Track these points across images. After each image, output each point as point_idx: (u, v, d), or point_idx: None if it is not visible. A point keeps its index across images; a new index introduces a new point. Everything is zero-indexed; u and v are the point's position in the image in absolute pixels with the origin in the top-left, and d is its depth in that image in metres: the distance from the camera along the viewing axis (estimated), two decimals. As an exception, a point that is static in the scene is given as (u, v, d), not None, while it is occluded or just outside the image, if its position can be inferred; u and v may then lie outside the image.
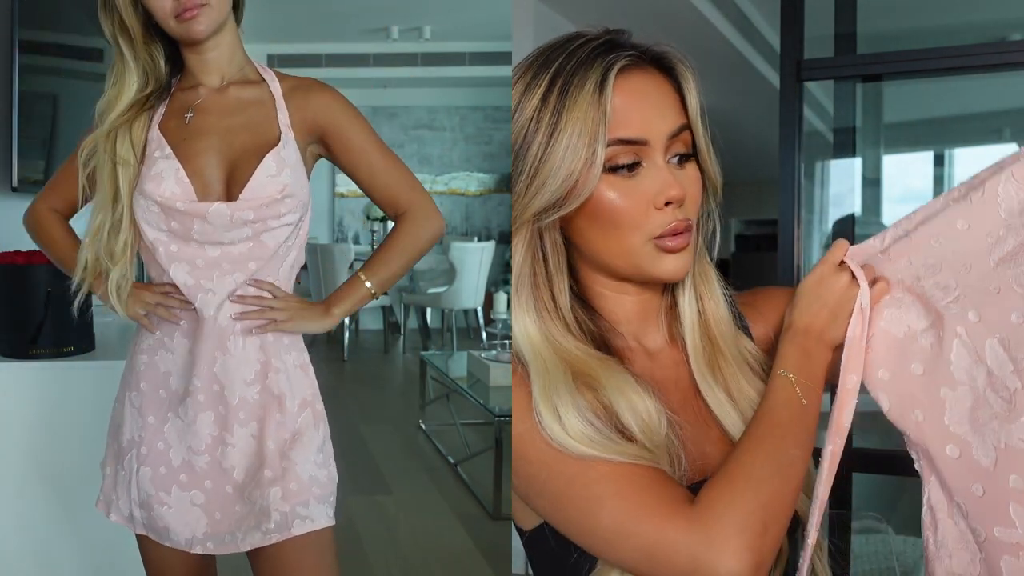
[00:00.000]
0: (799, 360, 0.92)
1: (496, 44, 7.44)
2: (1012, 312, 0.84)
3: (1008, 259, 0.85)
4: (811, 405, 0.90)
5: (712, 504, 0.80)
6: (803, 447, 0.88)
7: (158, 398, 1.38)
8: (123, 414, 1.41)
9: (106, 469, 1.45)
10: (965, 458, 0.87)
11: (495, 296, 5.22)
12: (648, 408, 0.87)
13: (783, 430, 0.87)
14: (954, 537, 0.89)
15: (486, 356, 4.15)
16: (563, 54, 0.88)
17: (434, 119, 8.59)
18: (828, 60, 2.20)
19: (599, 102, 0.86)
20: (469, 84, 8.22)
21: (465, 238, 8.36)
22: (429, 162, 8.62)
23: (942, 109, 3.44)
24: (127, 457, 1.40)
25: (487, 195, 8.69)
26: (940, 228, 0.89)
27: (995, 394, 0.85)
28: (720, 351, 0.98)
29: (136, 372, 1.40)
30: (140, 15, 1.32)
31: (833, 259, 0.96)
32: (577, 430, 0.83)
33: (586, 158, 0.86)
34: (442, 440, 4.45)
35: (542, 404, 0.85)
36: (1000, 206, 0.85)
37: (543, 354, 0.88)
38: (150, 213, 1.32)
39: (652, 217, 0.89)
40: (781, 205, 2.18)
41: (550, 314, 0.91)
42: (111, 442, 1.45)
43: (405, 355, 7.11)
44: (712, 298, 0.99)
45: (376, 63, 7.82)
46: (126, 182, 1.33)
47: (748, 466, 0.84)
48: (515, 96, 0.90)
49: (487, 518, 3.42)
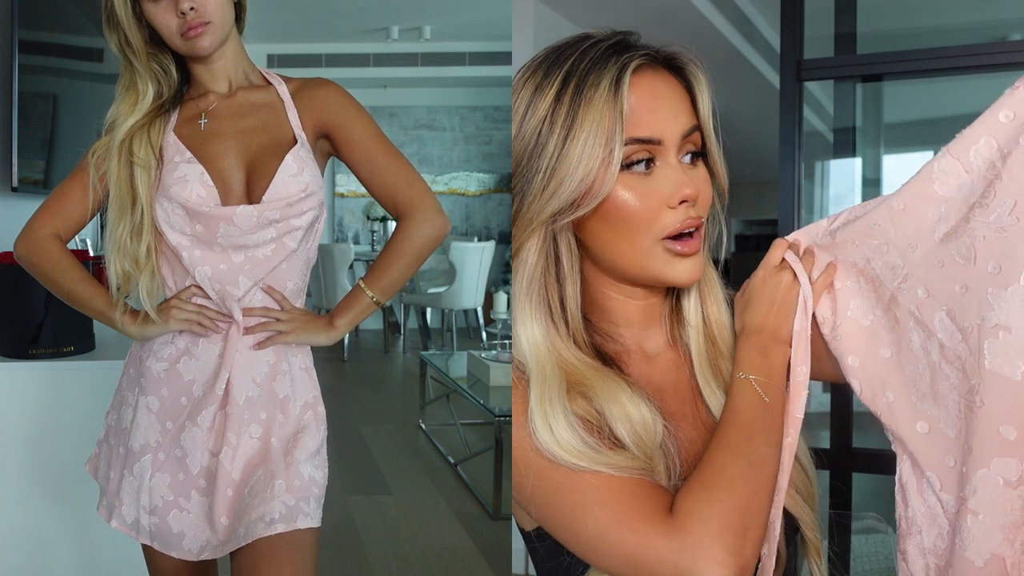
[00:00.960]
0: (756, 360, 0.94)
1: (496, 44, 7.44)
2: (955, 283, 0.85)
3: (951, 234, 0.86)
4: (774, 402, 0.91)
5: (690, 511, 0.81)
6: (772, 444, 0.89)
7: (179, 405, 1.38)
8: (134, 419, 1.39)
9: (110, 473, 1.43)
10: (934, 432, 0.89)
11: (495, 296, 5.22)
12: (643, 417, 0.87)
13: (750, 430, 0.88)
14: (923, 513, 0.91)
15: (486, 356, 4.15)
16: (575, 53, 0.88)
17: (434, 119, 8.59)
18: (828, 60, 2.20)
19: (615, 101, 0.85)
20: (469, 84, 8.22)
21: (465, 238, 8.36)
22: (429, 162, 8.62)
23: (942, 109, 3.43)
24: (138, 463, 1.39)
25: (487, 195, 8.69)
26: (881, 211, 0.91)
27: (949, 365, 0.87)
28: (722, 353, 0.98)
29: (155, 378, 1.39)
30: (144, 29, 1.33)
31: (772, 260, 0.98)
32: (567, 441, 0.84)
33: (603, 157, 0.85)
34: (442, 440, 4.45)
35: (537, 413, 0.85)
36: (934, 183, 0.86)
37: (544, 362, 0.88)
38: (174, 216, 1.33)
39: (664, 216, 0.88)
40: (781, 205, 2.18)
41: (557, 319, 0.90)
42: (115, 446, 1.43)
43: (405, 355, 7.11)
44: (715, 301, 0.99)
45: (376, 63, 7.83)
46: (145, 186, 1.33)
47: (720, 468, 0.85)
48: (524, 97, 0.89)
49: (487, 518, 3.42)
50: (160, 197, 1.33)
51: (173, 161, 1.34)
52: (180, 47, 1.33)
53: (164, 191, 1.33)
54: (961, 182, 0.84)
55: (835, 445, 2.22)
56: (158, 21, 1.31)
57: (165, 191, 1.33)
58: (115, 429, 1.44)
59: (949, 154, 0.85)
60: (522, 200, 0.89)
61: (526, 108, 0.88)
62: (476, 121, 8.62)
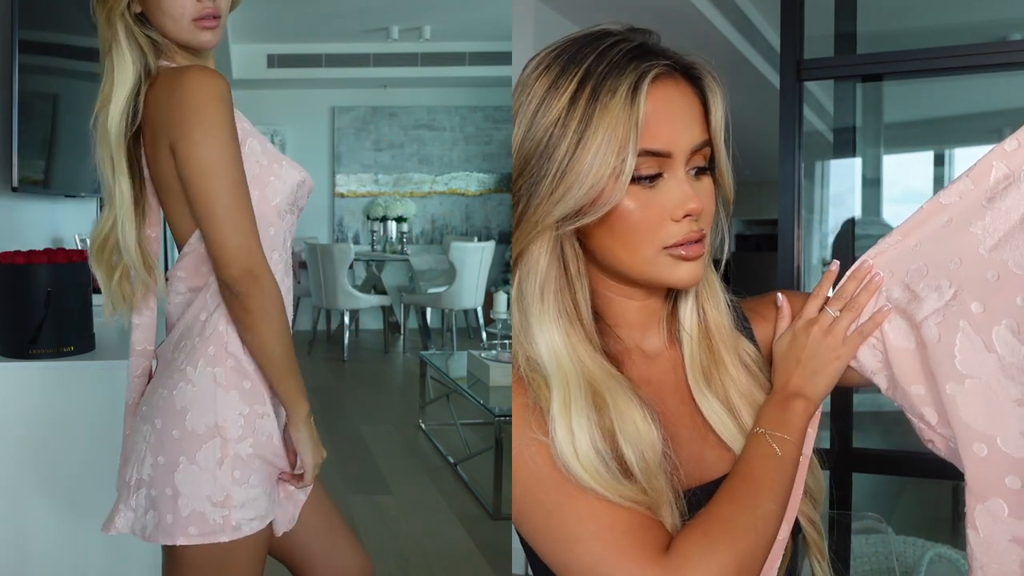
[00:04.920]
0: (774, 416, 0.94)
1: (496, 44, 7.44)
2: (1016, 296, 0.83)
3: (1002, 243, 0.84)
4: (786, 457, 0.92)
5: (688, 555, 0.81)
6: (778, 501, 0.89)
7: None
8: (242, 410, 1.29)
9: (244, 478, 1.27)
10: (993, 452, 0.86)
11: (495, 296, 5.22)
12: (652, 438, 0.86)
13: (759, 485, 0.88)
14: (980, 547, 0.87)
15: (486, 356, 4.14)
16: (593, 53, 0.86)
17: (434, 119, 8.59)
18: (828, 60, 2.20)
19: (631, 110, 0.84)
20: (469, 84, 8.22)
21: (465, 238, 8.36)
22: (429, 162, 8.62)
23: (942, 109, 3.44)
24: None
25: (487, 195, 8.69)
26: (919, 233, 0.90)
27: (1010, 380, 0.84)
28: (720, 359, 0.97)
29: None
30: (132, 13, 1.26)
31: (806, 313, 0.99)
32: (588, 459, 0.83)
33: (614, 167, 0.84)
34: (442, 440, 4.45)
35: (559, 423, 0.84)
36: (983, 191, 0.85)
37: (566, 367, 0.87)
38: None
39: (667, 228, 0.87)
40: (781, 205, 2.19)
41: (573, 322, 0.89)
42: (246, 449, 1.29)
43: (405, 355, 7.11)
44: (714, 305, 0.98)
45: (376, 63, 7.82)
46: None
47: (725, 519, 0.84)
48: (537, 91, 0.87)
49: (487, 518, 3.42)
50: (275, 179, 1.37)
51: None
52: (184, 31, 1.26)
53: (278, 173, 1.37)
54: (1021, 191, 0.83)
55: (835, 445, 2.22)
56: (173, 1, 1.24)
57: (279, 173, 1.36)
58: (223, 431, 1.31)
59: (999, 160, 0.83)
60: (528, 201, 0.87)
61: (539, 104, 0.86)
62: (476, 121, 8.62)
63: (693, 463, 0.91)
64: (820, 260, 2.68)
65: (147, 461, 1.27)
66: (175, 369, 1.29)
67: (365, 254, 7.80)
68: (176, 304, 1.33)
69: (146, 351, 1.37)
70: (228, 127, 1.20)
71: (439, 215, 8.66)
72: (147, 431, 1.28)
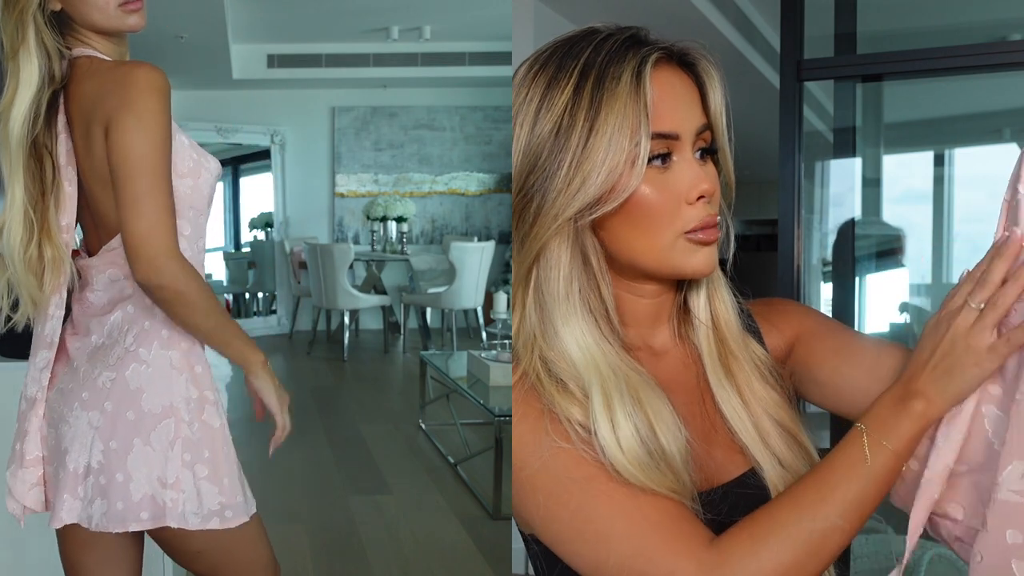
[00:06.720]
0: (883, 413, 0.82)
1: (496, 44, 7.43)
2: None
3: None
4: (876, 468, 0.79)
5: (728, 554, 0.77)
6: (848, 518, 0.78)
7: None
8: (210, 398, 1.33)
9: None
10: None
11: (495, 296, 5.21)
12: (682, 438, 0.84)
13: (830, 493, 0.79)
14: None
15: (486, 356, 4.14)
16: (588, 47, 0.86)
17: (434, 119, 8.59)
18: (828, 60, 2.20)
19: (638, 96, 0.83)
20: (469, 84, 8.21)
21: (465, 238, 8.35)
22: (429, 162, 8.62)
23: (942, 109, 3.43)
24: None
25: (487, 195, 8.69)
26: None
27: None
28: (732, 353, 0.96)
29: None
30: (45, 14, 1.25)
31: (957, 301, 0.81)
32: (634, 453, 0.80)
33: (629, 151, 0.83)
34: (442, 440, 4.45)
35: (601, 419, 0.81)
36: None
37: (600, 365, 0.85)
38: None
39: (683, 212, 0.86)
40: (781, 205, 2.19)
41: (600, 319, 0.88)
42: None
43: (405, 355, 7.11)
44: (721, 301, 0.97)
45: (376, 63, 7.82)
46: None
47: (780, 525, 0.78)
48: (536, 90, 0.86)
49: (487, 518, 3.42)
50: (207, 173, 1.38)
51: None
52: (112, 20, 1.26)
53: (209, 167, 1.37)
54: None
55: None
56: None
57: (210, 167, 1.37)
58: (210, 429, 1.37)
59: None
60: (544, 196, 0.86)
61: (540, 101, 0.86)
62: (476, 121, 8.62)
63: (703, 464, 0.89)
64: (820, 260, 2.68)
65: (96, 447, 1.27)
66: (123, 351, 1.29)
67: (365, 254, 7.79)
68: (111, 290, 1.33)
69: (54, 342, 1.37)
70: (162, 118, 1.21)
71: (439, 215, 8.66)
72: (94, 417, 1.27)
